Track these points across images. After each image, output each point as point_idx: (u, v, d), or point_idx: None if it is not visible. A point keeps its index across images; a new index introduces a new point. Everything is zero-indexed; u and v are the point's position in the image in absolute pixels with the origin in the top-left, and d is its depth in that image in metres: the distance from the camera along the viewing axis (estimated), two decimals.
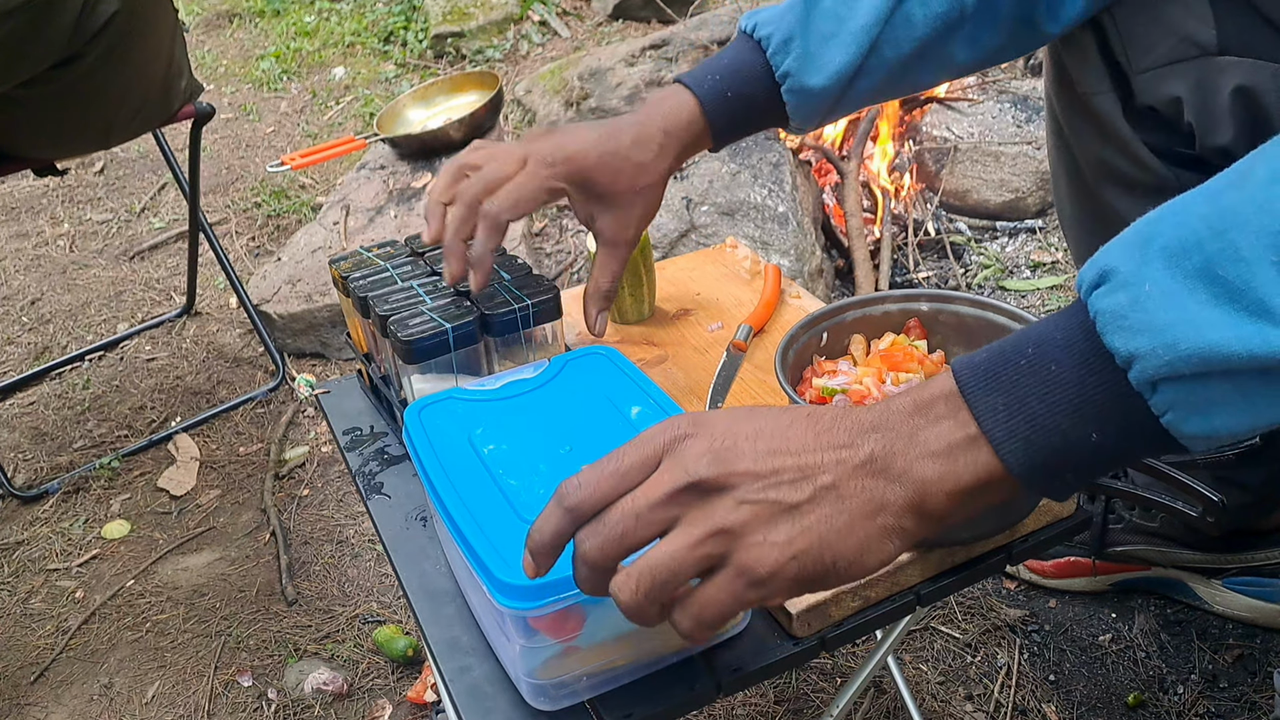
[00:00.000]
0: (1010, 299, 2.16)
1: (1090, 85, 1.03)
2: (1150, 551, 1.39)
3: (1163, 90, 0.95)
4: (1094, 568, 1.43)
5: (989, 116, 2.45)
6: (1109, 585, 1.46)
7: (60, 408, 2.21)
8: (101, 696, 1.54)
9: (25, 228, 3.02)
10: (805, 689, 1.39)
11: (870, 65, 0.97)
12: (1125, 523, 1.39)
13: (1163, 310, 0.52)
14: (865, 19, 0.95)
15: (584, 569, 0.61)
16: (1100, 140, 1.06)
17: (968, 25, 0.97)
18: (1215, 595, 1.38)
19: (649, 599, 0.58)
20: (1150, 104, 0.97)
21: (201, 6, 4.58)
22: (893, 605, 0.89)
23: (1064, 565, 1.46)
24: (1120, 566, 1.43)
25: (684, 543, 0.58)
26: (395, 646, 1.50)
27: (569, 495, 0.60)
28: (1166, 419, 0.53)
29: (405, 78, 3.66)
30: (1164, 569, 1.41)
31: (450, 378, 1.00)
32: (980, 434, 0.57)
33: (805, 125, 1.03)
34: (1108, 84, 1.01)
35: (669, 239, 2.14)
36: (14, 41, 1.45)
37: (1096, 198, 1.12)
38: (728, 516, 0.58)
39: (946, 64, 1.00)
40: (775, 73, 0.99)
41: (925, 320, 1.03)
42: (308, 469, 1.95)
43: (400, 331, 0.97)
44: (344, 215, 2.46)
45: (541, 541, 0.62)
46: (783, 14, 0.99)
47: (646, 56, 2.92)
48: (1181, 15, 0.91)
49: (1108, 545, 1.41)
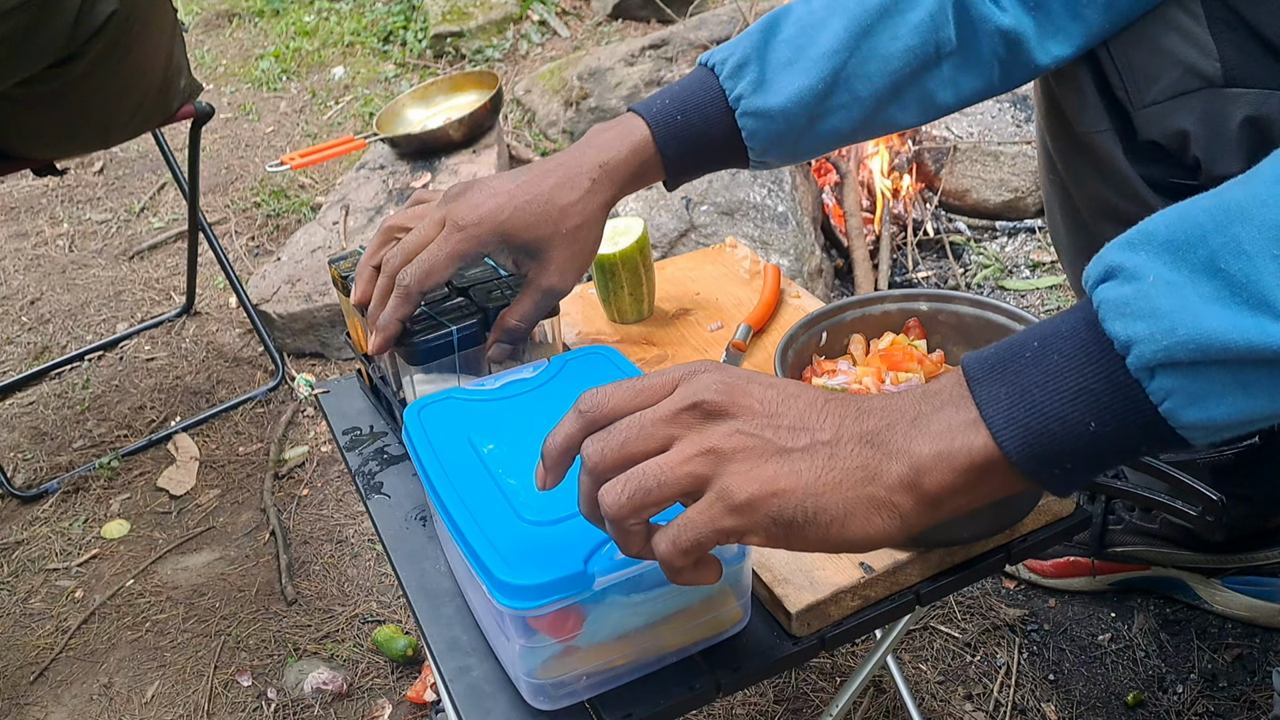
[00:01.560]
0: (1010, 299, 2.16)
1: (1090, 124, 1.01)
2: (1150, 552, 1.39)
3: (1168, 124, 0.93)
4: (1093, 568, 1.43)
5: (988, 116, 2.45)
6: (1108, 585, 1.46)
7: (60, 407, 2.21)
8: (101, 696, 1.54)
9: (25, 227, 3.02)
10: (805, 688, 1.39)
11: (841, 101, 0.94)
12: (1125, 524, 1.39)
13: (1163, 298, 0.53)
14: (827, 46, 0.93)
15: (584, 478, 0.63)
16: (1099, 179, 1.05)
17: (946, 65, 0.94)
18: (1215, 594, 1.38)
19: (632, 505, 0.60)
20: (1154, 139, 0.96)
21: (201, 6, 4.58)
22: (892, 605, 0.89)
23: (1063, 565, 1.46)
24: (1119, 566, 1.43)
25: (675, 458, 0.60)
26: (395, 646, 1.50)
27: (585, 401, 0.64)
28: (1164, 407, 0.54)
29: (405, 77, 3.66)
30: (1163, 569, 1.41)
31: (453, 378, 1.00)
32: (979, 418, 0.58)
33: (767, 157, 0.98)
34: (1107, 121, 1.00)
35: (668, 239, 2.14)
36: (13, 40, 1.45)
37: (1094, 234, 1.11)
38: (722, 440, 0.60)
39: (927, 104, 0.97)
40: (729, 96, 0.95)
41: (925, 320, 1.03)
42: (307, 469, 1.95)
43: (403, 336, 0.97)
44: (343, 215, 2.46)
45: (553, 446, 0.65)
46: (738, 42, 0.97)
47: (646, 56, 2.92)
48: (1182, 46, 0.89)
49: (1107, 546, 1.41)
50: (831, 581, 0.88)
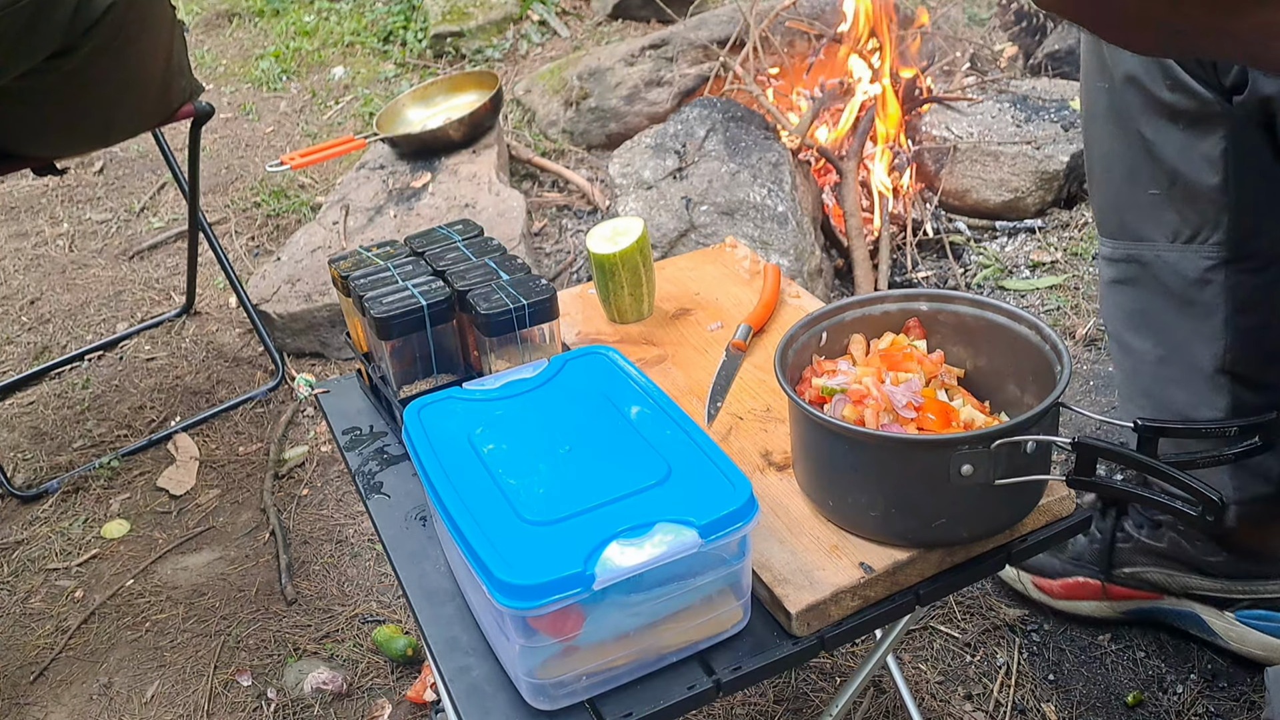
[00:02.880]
0: (1010, 299, 2.16)
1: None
2: (1159, 575, 1.35)
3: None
4: (1104, 590, 1.39)
5: (988, 116, 2.45)
6: (1119, 613, 1.41)
7: (60, 407, 2.21)
8: (101, 696, 1.54)
9: (25, 227, 3.02)
10: (805, 688, 1.39)
11: None
12: (1133, 542, 1.36)
13: None
14: None
15: None
16: (1141, 63, 1.05)
17: None
18: (1229, 630, 1.34)
19: None
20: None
21: (201, 6, 4.58)
22: (892, 605, 0.89)
23: (1072, 586, 1.42)
24: (1131, 592, 1.39)
25: None
26: (395, 646, 1.50)
27: None
28: None
29: (405, 77, 3.66)
30: (1176, 598, 1.36)
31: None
32: None
33: None
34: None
35: (668, 239, 2.14)
36: (13, 34, 1.46)
37: (1135, 135, 1.11)
38: None
39: None
40: None
41: (925, 320, 1.03)
42: (307, 469, 1.95)
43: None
44: (343, 215, 2.46)
45: None
46: None
47: (646, 56, 2.92)
48: None
49: (1115, 565, 1.37)
50: (831, 581, 0.88)
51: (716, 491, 0.81)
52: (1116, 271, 1.21)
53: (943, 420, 0.91)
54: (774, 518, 0.96)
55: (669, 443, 0.86)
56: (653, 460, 0.84)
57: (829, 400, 0.95)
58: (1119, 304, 1.23)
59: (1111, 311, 1.25)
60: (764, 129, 2.37)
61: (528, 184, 2.76)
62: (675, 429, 0.88)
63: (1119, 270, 1.21)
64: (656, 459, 0.85)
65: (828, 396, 0.95)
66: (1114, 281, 1.22)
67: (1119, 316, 1.24)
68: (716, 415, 1.11)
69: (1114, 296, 1.23)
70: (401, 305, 1.02)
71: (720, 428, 1.09)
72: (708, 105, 2.43)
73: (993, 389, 1.01)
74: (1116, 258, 1.21)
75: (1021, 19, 2.87)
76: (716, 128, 2.35)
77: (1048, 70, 2.80)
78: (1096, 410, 1.68)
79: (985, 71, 2.81)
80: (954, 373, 1.00)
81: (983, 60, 2.89)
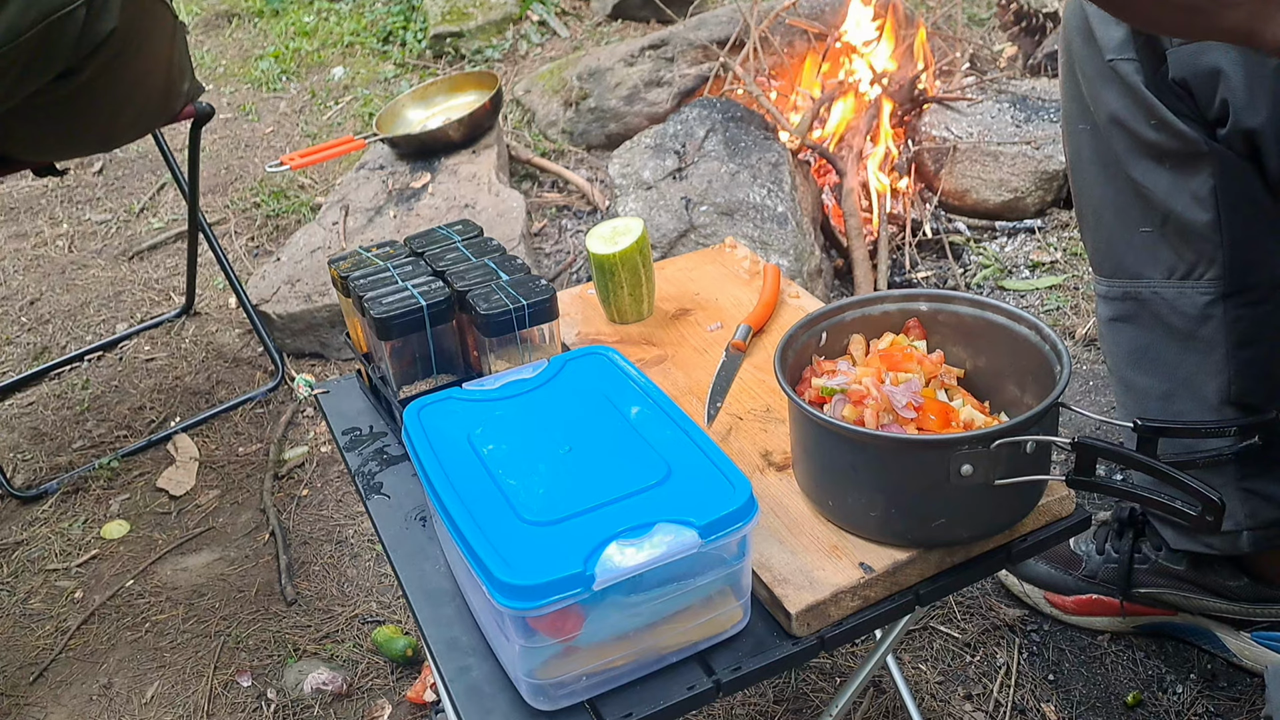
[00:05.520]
0: (1009, 299, 2.16)
1: (1117, 52, 1.02)
2: (1176, 597, 1.34)
3: (1202, 62, 0.92)
4: (1123, 609, 1.38)
5: (988, 116, 2.45)
6: (1134, 628, 1.40)
7: (59, 408, 2.21)
8: (101, 696, 1.54)
9: (24, 228, 3.02)
10: (805, 689, 1.39)
11: None
12: (1150, 563, 1.34)
13: None
14: None
15: None
16: (1123, 104, 1.06)
17: None
18: (1244, 649, 1.33)
19: None
20: (1184, 76, 0.95)
21: (201, 6, 4.58)
22: (892, 605, 0.89)
23: (1086, 602, 1.40)
24: (1146, 609, 1.37)
25: None
26: (394, 646, 1.50)
27: None
28: None
29: (404, 78, 3.66)
30: (1191, 615, 1.35)
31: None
32: None
33: None
34: (1133, 52, 1.00)
35: (668, 239, 2.14)
36: (20, 64, 1.47)
37: (1123, 177, 1.11)
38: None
39: None
40: None
41: (924, 320, 1.03)
42: (307, 469, 1.95)
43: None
44: (343, 215, 2.46)
45: None
46: None
47: (645, 56, 2.92)
48: None
49: (1133, 586, 1.35)
50: (831, 581, 0.88)
51: (716, 492, 0.81)
52: (1115, 310, 1.21)
53: (942, 420, 0.91)
54: (774, 518, 0.96)
55: (669, 443, 0.86)
56: (652, 460, 0.84)
57: (829, 400, 0.95)
58: (1119, 342, 1.22)
59: (1112, 350, 1.24)
60: (764, 129, 2.37)
61: (527, 184, 2.76)
62: (675, 429, 0.88)
63: (1117, 308, 1.20)
64: (656, 459, 0.85)
65: (827, 397, 0.95)
66: (1113, 320, 1.22)
67: (1120, 355, 1.23)
68: (716, 415, 1.11)
69: (1114, 335, 1.22)
70: (401, 305, 1.02)
71: (720, 428, 1.09)
72: (707, 105, 2.43)
73: (992, 389, 1.01)
74: (1114, 296, 1.20)
75: (1021, 19, 2.87)
76: (716, 128, 2.35)
77: (1047, 70, 2.80)
78: (1096, 410, 1.68)
79: (985, 71, 2.81)
80: (954, 373, 1.00)
81: (982, 60, 2.90)
